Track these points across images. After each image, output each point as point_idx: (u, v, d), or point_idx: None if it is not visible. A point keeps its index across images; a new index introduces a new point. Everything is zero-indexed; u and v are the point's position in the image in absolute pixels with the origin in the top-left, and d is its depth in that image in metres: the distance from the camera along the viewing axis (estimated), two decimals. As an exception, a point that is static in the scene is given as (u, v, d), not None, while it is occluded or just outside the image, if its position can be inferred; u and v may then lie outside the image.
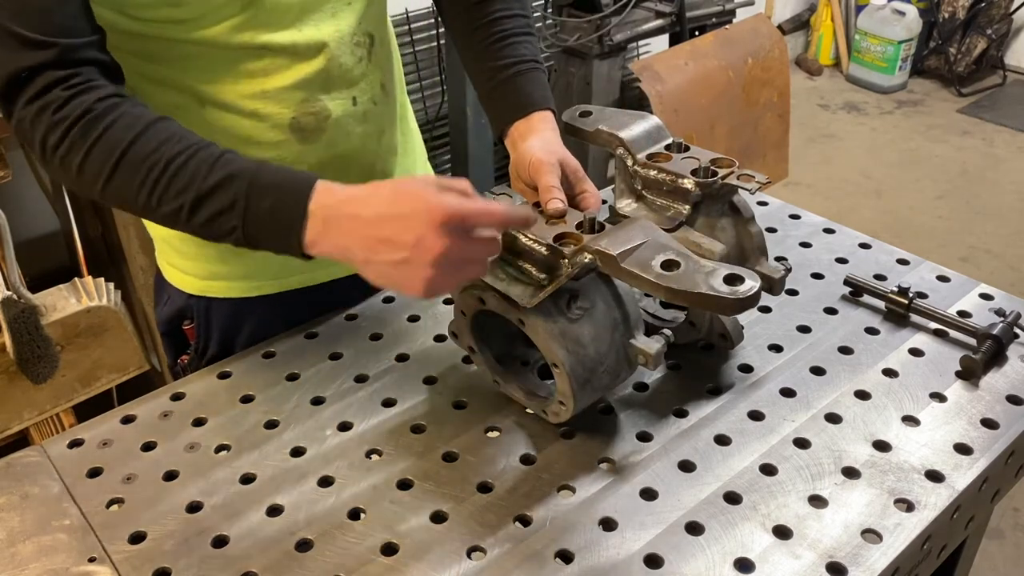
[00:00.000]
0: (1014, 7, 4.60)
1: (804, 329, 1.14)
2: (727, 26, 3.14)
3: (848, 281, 1.20)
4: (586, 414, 0.99)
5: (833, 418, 1.00)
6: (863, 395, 1.03)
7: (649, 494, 0.92)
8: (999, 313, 1.13)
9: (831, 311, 1.18)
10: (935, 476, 0.92)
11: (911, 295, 1.14)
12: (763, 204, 1.41)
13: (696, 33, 3.17)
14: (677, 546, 0.86)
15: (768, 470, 0.94)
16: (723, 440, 0.98)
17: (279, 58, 1.03)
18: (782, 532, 0.87)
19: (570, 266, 0.88)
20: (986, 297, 1.20)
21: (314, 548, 0.88)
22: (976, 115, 4.47)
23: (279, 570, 0.85)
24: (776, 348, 1.11)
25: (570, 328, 0.91)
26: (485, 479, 0.94)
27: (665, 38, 3.33)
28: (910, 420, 1.00)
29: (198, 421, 1.04)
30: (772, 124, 3.18)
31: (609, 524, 0.89)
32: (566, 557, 0.86)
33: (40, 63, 0.86)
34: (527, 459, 0.97)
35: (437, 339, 1.15)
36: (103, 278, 1.86)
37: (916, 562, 0.90)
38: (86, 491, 0.95)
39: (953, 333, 1.12)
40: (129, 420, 1.04)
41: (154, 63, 1.01)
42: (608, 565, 0.85)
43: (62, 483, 0.96)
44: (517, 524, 0.89)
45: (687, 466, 0.95)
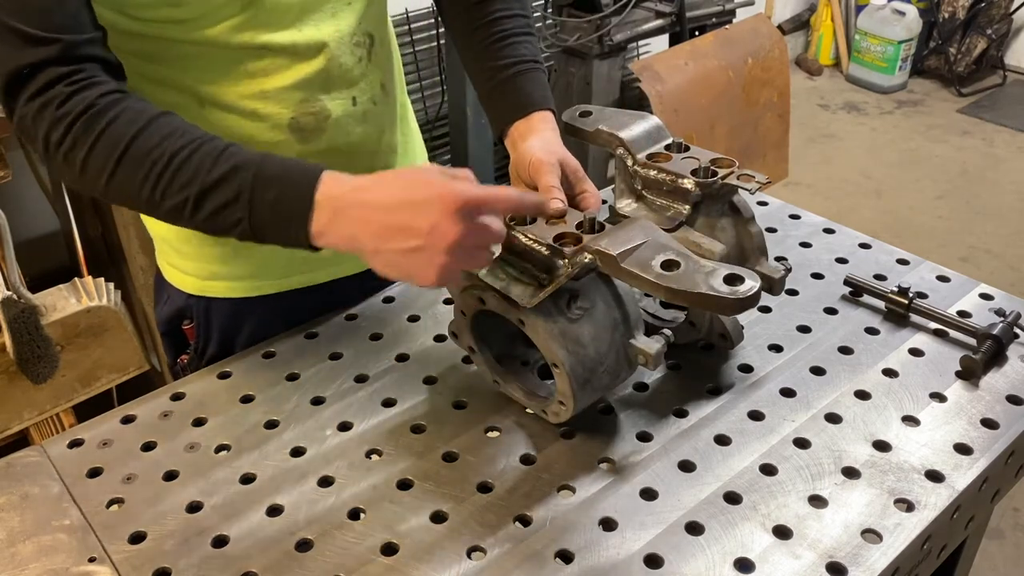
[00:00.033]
0: (1014, 7, 4.60)
1: (804, 329, 1.14)
2: (727, 26, 3.14)
3: (848, 281, 1.20)
4: (586, 414, 0.99)
5: (833, 418, 1.00)
6: (863, 395, 1.03)
7: (649, 494, 0.92)
8: (999, 313, 1.13)
9: (831, 311, 1.18)
10: (935, 476, 0.93)
11: (911, 295, 1.14)
12: (763, 204, 1.41)
13: (696, 33, 3.17)
14: (677, 546, 0.86)
15: (768, 470, 0.94)
16: (723, 440, 0.98)
17: (279, 58, 1.03)
18: (782, 532, 0.87)
19: (570, 266, 0.88)
20: (986, 297, 1.20)
21: (314, 548, 0.88)
22: (976, 115, 4.47)
23: (279, 570, 0.85)
24: (776, 348, 1.11)
25: (570, 328, 0.91)
26: (485, 479, 0.94)
27: (665, 38, 3.33)
28: (910, 420, 1.00)
29: (198, 421, 1.04)
30: (772, 124, 3.18)
31: (609, 524, 0.89)
32: (566, 557, 0.86)
33: (42, 59, 0.86)
34: (527, 459, 0.97)
35: (437, 339, 1.15)
36: (103, 278, 1.86)
37: (916, 562, 0.90)
38: (86, 491, 0.95)
39: (953, 333, 1.12)
40: (129, 420, 1.04)
41: (154, 63, 1.01)
42: (608, 565, 0.85)
43: (62, 483, 0.96)
44: (517, 524, 0.89)
45: (687, 466, 0.95)
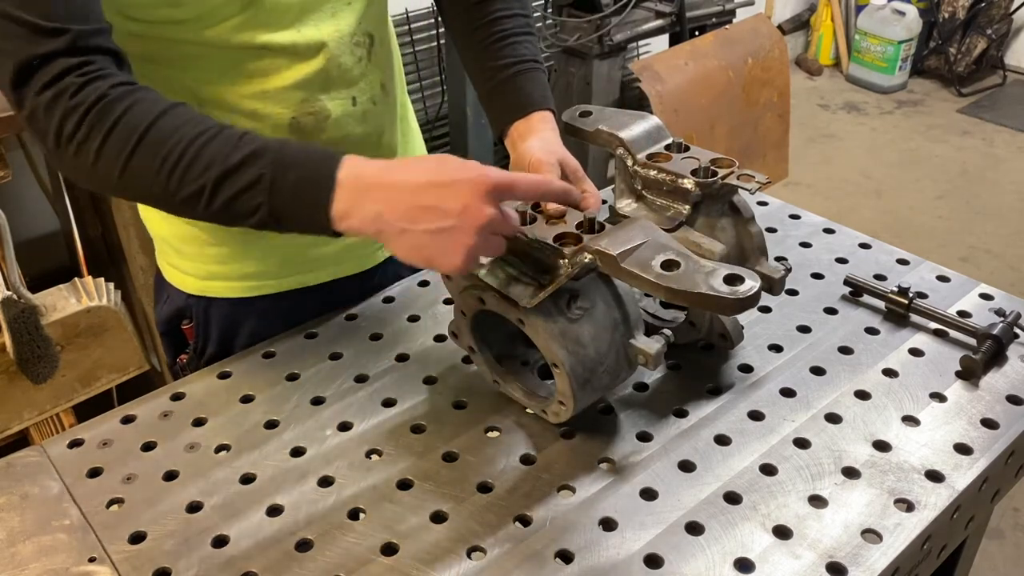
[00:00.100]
0: (1014, 7, 4.60)
1: (804, 329, 1.14)
2: (727, 26, 3.14)
3: (848, 281, 1.20)
4: (586, 414, 0.99)
5: (833, 418, 1.00)
6: (863, 395, 1.03)
7: (649, 494, 0.92)
8: (999, 313, 1.13)
9: (831, 311, 1.18)
10: (935, 476, 0.92)
11: (911, 295, 1.14)
12: (763, 204, 1.41)
13: (696, 33, 3.17)
14: (677, 546, 0.86)
15: (768, 470, 0.94)
16: (723, 440, 0.98)
17: (279, 58, 1.03)
18: (782, 532, 0.87)
19: (570, 266, 0.88)
20: (986, 297, 1.20)
21: (314, 548, 0.88)
22: (976, 115, 4.47)
23: (279, 570, 0.85)
24: (776, 348, 1.11)
25: (570, 328, 0.91)
26: (485, 479, 0.94)
27: (665, 38, 3.33)
28: (910, 420, 1.00)
29: (198, 421, 1.04)
30: (772, 124, 3.18)
31: (609, 524, 0.89)
32: (566, 557, 0.86)
33: (52, 51, 0.84)
34: (527, 459, 0.97)
35: (437, 339, 1.15)
36: (103, 278, 1.86)
37: (916, 562, 0.90)
38: (86, 491, 0.95)
39: (953, 333, 1.12)
40: (129, 420, 1.04)
41: (153, 64, 1.00)
42: (608, 565, 0.85)
43: (62, 483, 0.96)
44: (517, 524, 0.89)
45: (687, 466, 0.95)
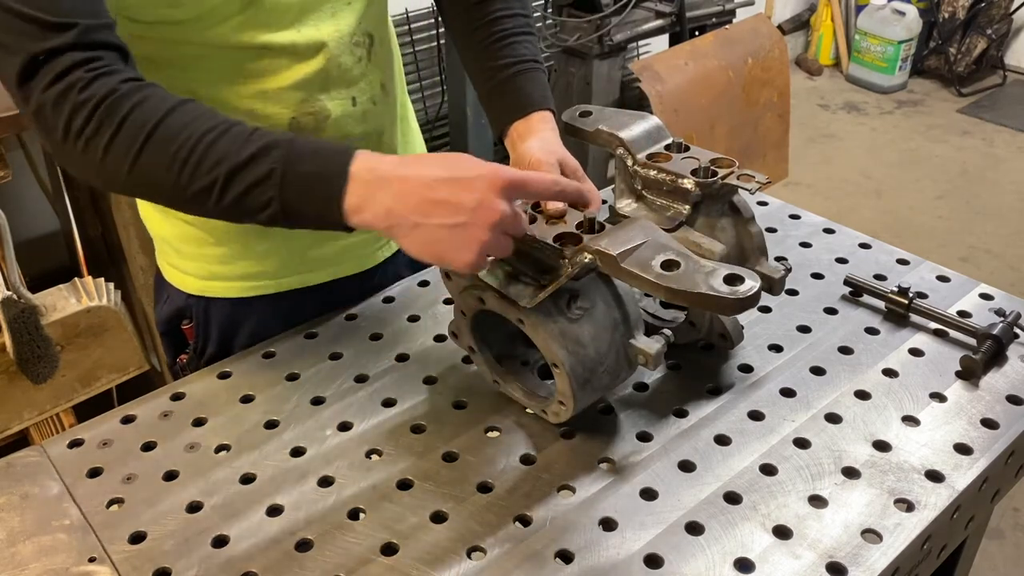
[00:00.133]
0: (1014, 7, 4.60)
1: (804, 329, 1.14)
2: (727, 26, 3.15)
3: (848, 281, 1.20)
4: (586, 414, 0.99)
5: (833, 418, 1.00)
6: (863, 395, 1.03)
7: (649, 494, 0.92)
8: (999, 313, 1.13)
9: (831, 311, 1.18)
10: (935, 476, 0.92)
11: (911, 295, 1.14)
12: (763, 204, 1.41)
13: (696, 33, 3.17)
14: (677, 546, 0.86)
15: (768, 470, 0.94)
16: (723, 440, 0.98)
17: (278, 58, 1.03)
18: (782, 532, 0.87)
19: (570, 266, 0.88)
20: (986, 297, 1.20)
21: (314, 548, 0.88)
22: (976, 115, 4.47)
23: (279, 570, 0.85)
24: (776, 348, 1.11)
25: (570, 328, 0.91)
26: (485, 479, 0.94)
27: (665, 38, 3.33)
28: (910, 420, 1.00)
29: (198, 421, 1.04)
30: (772, 124, 3.18)
31: (609, 524, 0.89)
32: (566, 557, 0.86)
33: (60, 45, 0.84)
34: (527, 459, 0.97)
35: (437, 339, 1.15)
36: (103, 278, 1.86)
37: (916, 562, 0.90)
38: (86, 491, 0.95)
39: (953, 333, 1.12)
40: (129, 420, 1.04)
41: (153, 64, 1.00)
42: (608, 565, 0.85)
43: (62, 483, 0.96)
44: (517, 524, 0.89)
45: (687, 466, 0.95)
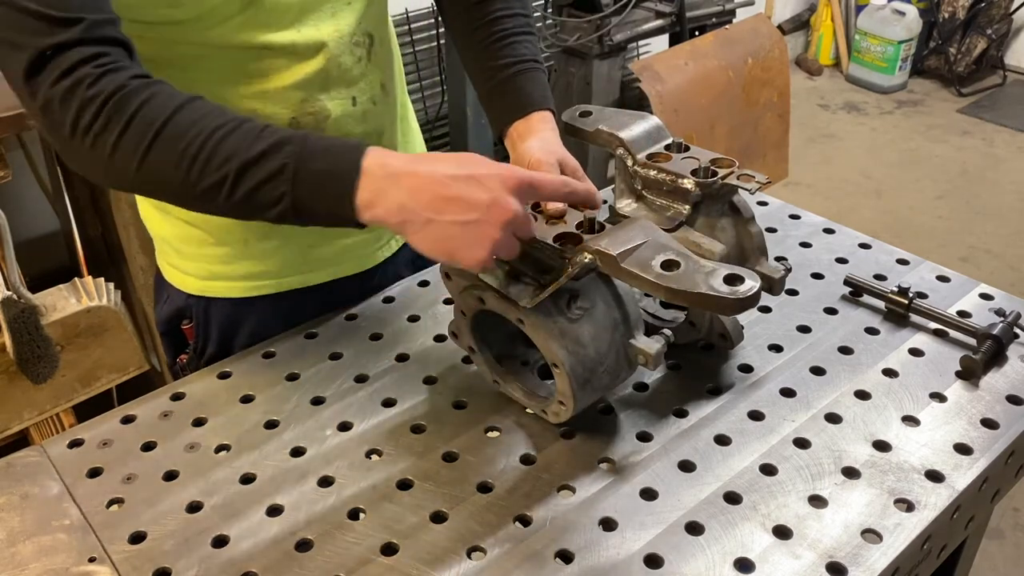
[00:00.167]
0: (1014, 7, 4.60)
1: (804, 329, 1.14)
2: (727, 26, 3.15)
3: (848, 281, 1.20)
4: (586, 414, 0.99)
5: (833, 418, 1.00)
6: (863, 395, 1.03)
7: (649, 494, 0.92)
8: (999, 313, 1.13)
9: (831, 311, 1.18)
10: (935, 476, 0.92)
11: (911, 295, 1.14)
12: (763, 204, 1.41)
13: (696, 33, 3.17)
14: (677, 546, 0.86)
15: (768, 470, 0.94)
16: (723, 440, 0.98)
17: (278, 58, 1.03)
18: (782, 532, 0.87)
19: (570, 266, 0.88)
20: (986, 297, 1.20)
21: (314, 548, 0.88)
22: (976, 115, 4.47)
23: (279, 570, 0.85)
24: (776, 348, 1.11)
25: (570, 328, 0.91)
26: (485, 479, 0.94)
27: (665, 38, 3.33)
28: (910, 420, 1.00)
29: (198, 421, 1.04)
30: (772, 124, 3.18)
31: (609, 524, 0.89)
32: (566, 557, 0.86)
33: (66, 41, 0.83)
34: (527, 459, 0.97)
35: (437, 339, 1.15)
36: (103, 278, 1.86)
37: (916, 562, 0.90)
38: (86, 491, 0.95)
39: (953, 333, 1.12)
40: (129, 420, 1.04)
41: (153, 65, 1.00)
42: (608, 565, 0.85)
43: (62, 483, 0.96)
44: (517, 524, 0.89)
45: (687, 466, 0.95)
